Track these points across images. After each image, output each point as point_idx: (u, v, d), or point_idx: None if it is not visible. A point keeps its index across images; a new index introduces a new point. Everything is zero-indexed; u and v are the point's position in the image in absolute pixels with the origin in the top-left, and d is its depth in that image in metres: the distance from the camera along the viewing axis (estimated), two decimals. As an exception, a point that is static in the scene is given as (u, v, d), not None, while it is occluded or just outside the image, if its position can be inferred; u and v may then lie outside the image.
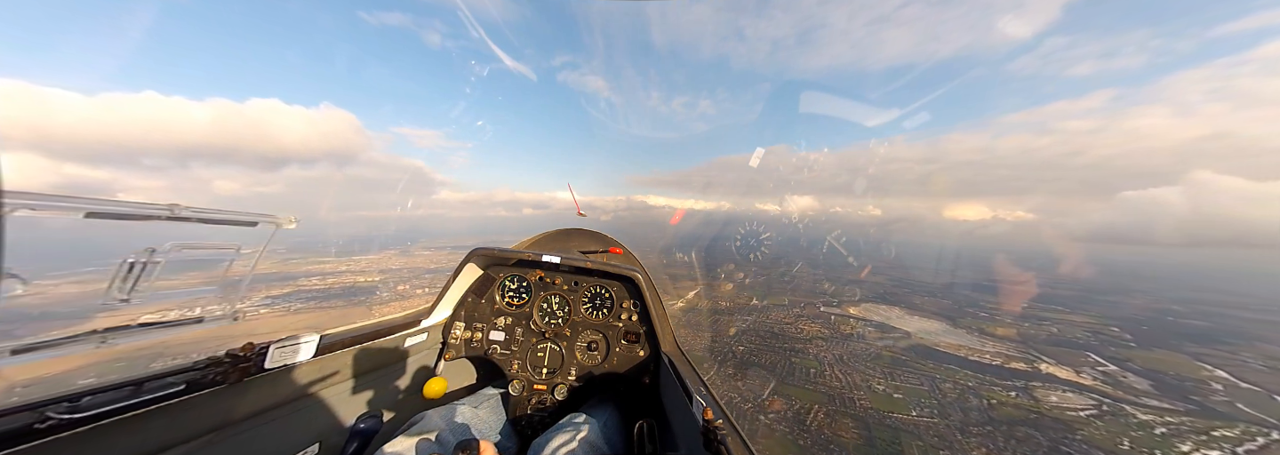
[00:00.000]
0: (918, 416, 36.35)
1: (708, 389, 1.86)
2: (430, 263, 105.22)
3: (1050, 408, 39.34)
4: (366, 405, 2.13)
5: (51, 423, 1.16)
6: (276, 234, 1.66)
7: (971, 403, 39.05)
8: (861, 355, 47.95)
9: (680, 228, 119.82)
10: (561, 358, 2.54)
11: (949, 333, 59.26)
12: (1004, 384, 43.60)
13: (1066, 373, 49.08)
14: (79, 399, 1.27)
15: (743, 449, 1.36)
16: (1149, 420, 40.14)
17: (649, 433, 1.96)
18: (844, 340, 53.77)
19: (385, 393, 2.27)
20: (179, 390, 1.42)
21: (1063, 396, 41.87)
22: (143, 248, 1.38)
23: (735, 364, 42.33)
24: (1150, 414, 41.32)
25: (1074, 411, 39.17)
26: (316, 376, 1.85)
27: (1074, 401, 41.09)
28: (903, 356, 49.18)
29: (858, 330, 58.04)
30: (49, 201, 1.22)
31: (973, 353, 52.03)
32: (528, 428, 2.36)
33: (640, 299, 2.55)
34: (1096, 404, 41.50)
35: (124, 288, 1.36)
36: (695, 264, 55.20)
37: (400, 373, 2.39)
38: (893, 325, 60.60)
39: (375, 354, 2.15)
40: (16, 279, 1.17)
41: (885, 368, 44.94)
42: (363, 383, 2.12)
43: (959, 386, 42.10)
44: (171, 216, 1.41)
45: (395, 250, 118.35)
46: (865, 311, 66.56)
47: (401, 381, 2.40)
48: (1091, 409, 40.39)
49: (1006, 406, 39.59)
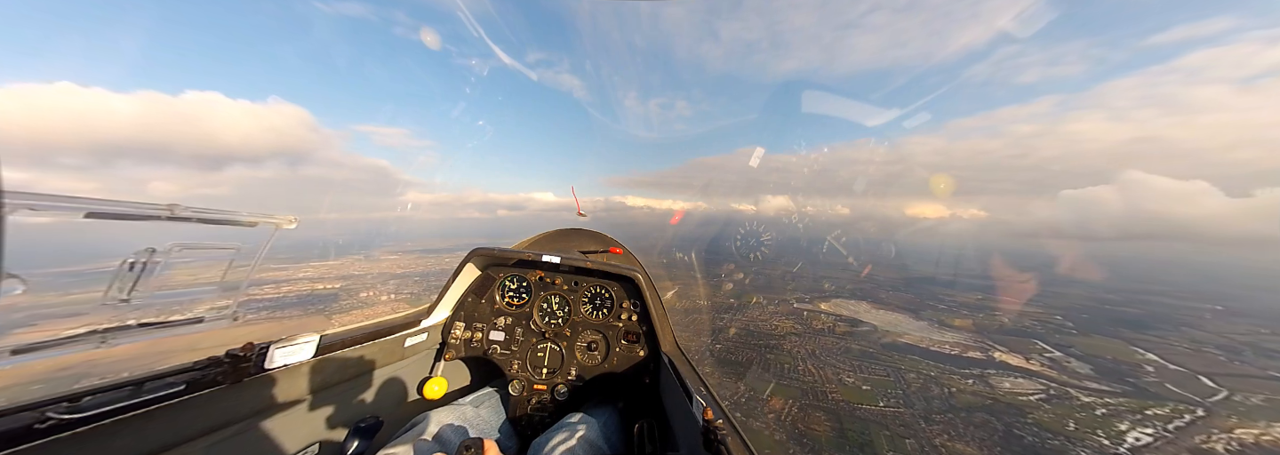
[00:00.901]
0: (885, 407, 37.91)
1: (708, 389, 1.87)
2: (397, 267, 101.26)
3: (1004, 394, 41.81)
4: (366, 405, 2.12)
5: (51, 423, 1.15)
6: (277, 234, 1.66)
7: (933, 392, 41.05)
8: (832, 349, 49.61)
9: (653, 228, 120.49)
10: (561, 358, 2.54)
11: (912, 325, 62.10)
12: (962, 372, 46.05)
13: (1017, 360, 52.29)
14: (79, 399, 1.26)
15: (743, 449, 1.36)
16: (1090, 402, 43.17)
17: (649, 433, 1.97)
18: (816, 335, 55.46)
19: (385, 393, 2.25)
20: (179, 390, 1.41)
21: (1015, 382, 44.60)
22: (143, 248, 1.37)
23: (712, 362, 42.92)
24: (1091, 396, 44.49)
25: (1025, 396, 41.75)
26: (316, 376, 1.84)
27: (1025, 386, 43.84)
28: (870, 349, 51.20)
29: (829, 325, 59.97)
30: (49, 201, 1.21)
31: (934, 343, 54.71)
32: (528, 428, 2.36)
33: (640, 299, 2.55)
34: (1045, 388, 44.38)
35: (124, 288, 1.34)
36: (679, 263, 55.59)
37: (400, 373, 2.37)
38: (861, 319, 62.93)
39: (375, 354, 2.13)
40: (16, 279, 1.16)
41: (854, 361, 46.68)
42: (363, 383, 2.11)
43: (922, 376, 44.21)
44: (171, 216, 1.40)
45: (359, 255, 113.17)
46: (836, 307, 68.85)
47: (401, 381, 2.38)
48: (1040, 393, 43.16)
49: (965, 394, 41.79)
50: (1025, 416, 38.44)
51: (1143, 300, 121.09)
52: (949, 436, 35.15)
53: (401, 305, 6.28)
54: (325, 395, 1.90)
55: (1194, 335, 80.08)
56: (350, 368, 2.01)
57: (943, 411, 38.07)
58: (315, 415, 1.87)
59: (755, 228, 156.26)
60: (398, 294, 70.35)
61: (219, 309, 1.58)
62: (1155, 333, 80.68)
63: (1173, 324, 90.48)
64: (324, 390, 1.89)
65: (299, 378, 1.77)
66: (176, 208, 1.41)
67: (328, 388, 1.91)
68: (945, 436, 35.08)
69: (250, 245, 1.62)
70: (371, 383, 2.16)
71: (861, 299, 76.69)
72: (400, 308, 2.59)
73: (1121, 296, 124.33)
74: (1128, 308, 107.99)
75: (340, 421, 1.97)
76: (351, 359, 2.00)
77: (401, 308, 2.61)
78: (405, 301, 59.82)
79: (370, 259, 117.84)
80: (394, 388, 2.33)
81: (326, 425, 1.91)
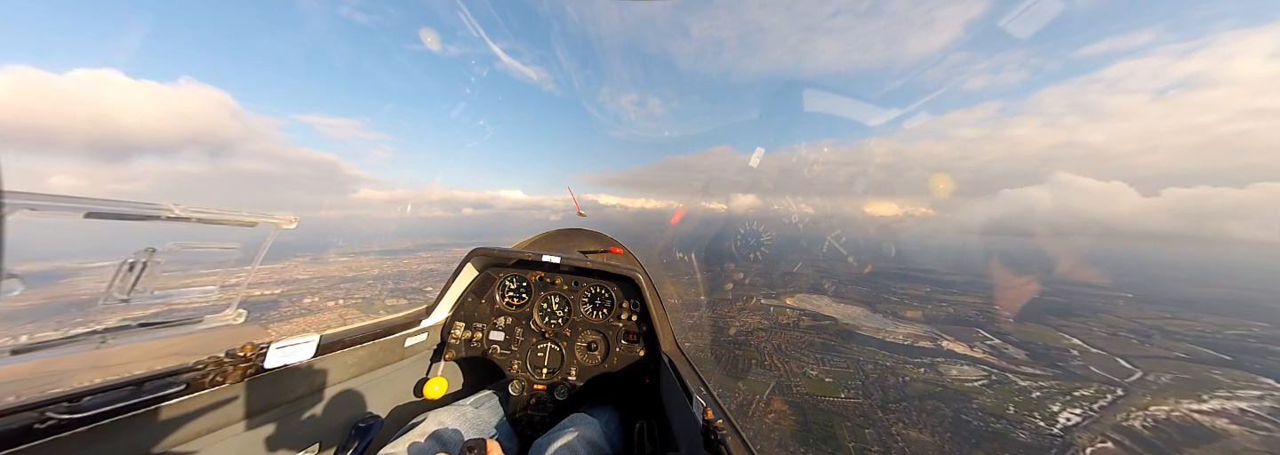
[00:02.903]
0: (846, 398, 39.70)
1: (708, 389, 1.85)
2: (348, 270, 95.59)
3: (952, 381, 44.75)
4: (366, 405, 2.10)
5: (51, 423, 1.14)
6: (277, 234, 1.64)
7: (889, 381, 43.41)
8: (797, 343, 51.42)
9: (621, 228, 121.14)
10: (561, 358, 2.52)
11: (869, 317, 65.35)
12: (915, 362, 48.96)
13: (963, 348, 56.13)
14: (79, 399, 1.24)
15: (743, 449, 1.35)
16: (1027, 386, 46.83)
17: (649, 432, 1.97)
18: (782, 330, 57.32)
19: (385, 393, 2.23)
20: (179, 390, 1.39)
21: (961, 370, 47.84)
22: (143, 248, 1.34)
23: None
24: (1027, 380, 48.31)
25: (970, 383, 44.84)
26: (316, 377, 1.82)
27: (970, 373, 47.11)
28: (831, 341, 53.48)
29: (793, 319, 62.12)
30: (49, 201, 1.18)
31: (889, 334, 57.87)
32: (528, 428, 2.35)
33: (640, 299, 2.53)
34: (987, 374, 47.84)
35: (124, 288, 1.31)
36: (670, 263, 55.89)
37: (400, 373, 2.34)
38: (823, 313, 65.59)
39: (375, 354, 2.11)
40: (16, 279, 1.13)
41: (817, 354, 48.62)
42: (363, 383, 2.08)
43: (879, 367, 46.63)
44: (171, 216, 1.38)
45: (305, 257, 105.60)
46: (800, 301, 71.41)
47: (401, 381, 2.35)
48: (983, 379, 46.48)
49: (918, 382, 44.44)
50: (971, 402, 41.30)
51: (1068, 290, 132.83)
52: (904, 424, 37.25)
53: (351, 311, 5.94)
54: (325, 395, 1.88)
55: (1110, 320, 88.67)
56: (350, 368, 1.98)
57: (898, 400, 40.30)
58: (315, 415, 1.84)
59: (731, 227, 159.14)
60: (348, 299, 66.18)
61: (218, 309, 1.56)
62: (1078, 319, 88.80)
63: (1092, 311, 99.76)
64: (324, 390, 1.87)
65: (299, 378, 1.76)
66: (176, 208, 1.39)
67: (328, 388, 1.88)
68: (901, 424, 37.15)
69: (250, 245, 1.60)
70: (372, 383, 2.13)
71: (823, 293, 79.95)
72: (349, 314, 2.53)
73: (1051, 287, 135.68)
74: (1055, 297, 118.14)
75: (340, 421, 1.95)
76: (351, 359, 1.98)
77: (350, 314, 2.56)
78: (355, 307, 56.46)
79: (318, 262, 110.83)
80: (394, 388, 2.30)
81: (326, 425, 1.89)
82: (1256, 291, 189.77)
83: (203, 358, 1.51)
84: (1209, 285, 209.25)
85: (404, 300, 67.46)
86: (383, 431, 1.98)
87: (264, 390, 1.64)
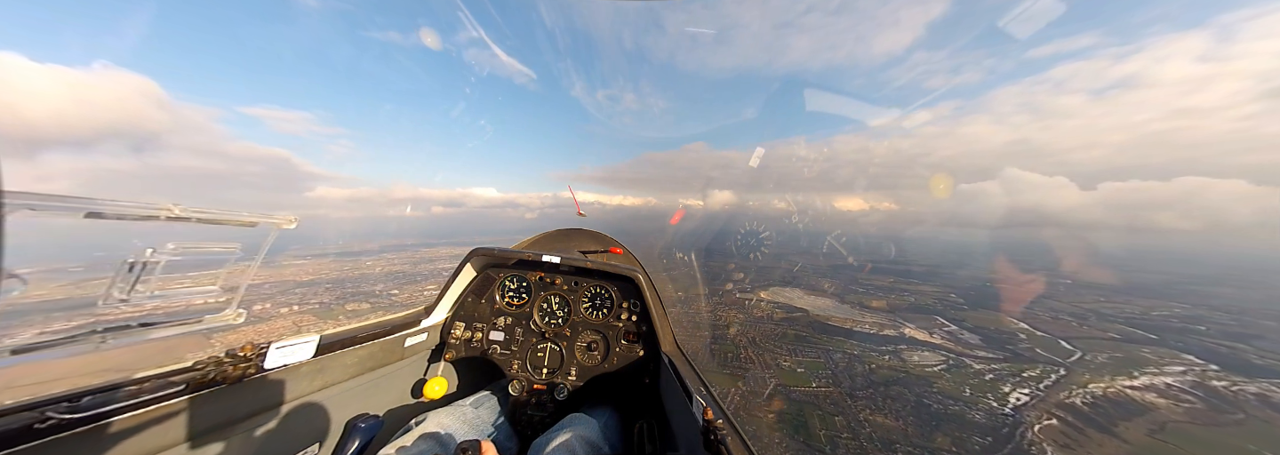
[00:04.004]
0: (817, 388, 41.12)
1: (708, 389, 1.84)
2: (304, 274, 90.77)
3: (914, 366, 47.09)
4: (366, 405, 2.09)
5: (51, 423, 1.13)
6: (277, 234, 1.63)
7: (857, 369, 45.24)
8: (771, 336, 52.81)
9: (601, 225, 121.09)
10: (561, 358, 2.52)
11: (837, 308, 67.87)
12: (880, 350, 51.19)
13: (923, 335, 59.16)
14: (79, 399, 1.23)
15: (743, 449, 1.34)
16: (981, 369, 49.77)
17: (649, 433, 1.98)
18: (756, 323, 58.74)
19: (385, 393, 2.22)
20: (179, 390, 1.38)
21: (922, 355, 50.43)
22: (143, 248, 1.32)
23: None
24: (981, 363, 51.35)
25: (931, 368, 47.32)
26: (316, 377, 1.81)
27: (930, 358, 49.71)
28: (803, 332, 55.24)
29: (768, 313, 63.73)
30: (49, 202, 1.16)
31: (856, 324, 60.28)
32: (528, 428, 2.34)
33: (640, 299, 2.53)
34: (945, 359, 50.60)
35: (124, 288, 1.29)
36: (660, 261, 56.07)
37: (400, 373, 2.33)
38: (795, 305, 67.60)
39: (375, 354, 2.10)
40: (16, 279, 1.11)
41: (790, 345, 50.10)
42: (363, 383, 2.07)
43: (847, 355, 48.54)
44: (171, 217, 1.36)
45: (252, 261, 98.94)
46: (773, 294, 73.29)
47: (401, 381, 2.34)
48: (942, 364, 49.15)
49: (883, 369, 46.50)
50: (932, 386, 43.57)
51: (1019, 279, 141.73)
52: (871, 410, 38.95)
53: (307, 317, 5.70)
54: (325, 395, 1.87)
55: (1054, 305, 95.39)
56: (350, 368, 1.97)
57: (865, 387, 42.08)
58: (315, 415, 1.83)
59: (710, 223, 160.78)
60: (303, 305, 62.75)
61: (218, 309, 1.54)
62: (1023, 304, 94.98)
63: (1036, 296, 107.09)
64: (324, 390, 1.86)
65: (299, 378, 1.74)
66: (176, 208, 1.37)
67: (327, 388, 1.87)
68: (868, 410, 38.84)
69: (250, 245, 1.59)
70: (371, 383, 2.12)
71: (795, 286, 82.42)
72: (304, 320, 2.49)
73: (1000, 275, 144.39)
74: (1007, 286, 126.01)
75: (340, 421, 1.94)
76: (351, 359, 1.97)
77: (306, 320, 2.52)
78: (311, 314, 53.75)
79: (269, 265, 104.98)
80: (394, 388, 2.29)
81: (326, 425, 1.88)
82: (1178, 276, 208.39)
83: (203, 358, 1.50)
84: (1138, 271, 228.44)
85: (367, 304, 65.11)
86: (382, 431, 1.99)
87: (264, 390, 1.63)
